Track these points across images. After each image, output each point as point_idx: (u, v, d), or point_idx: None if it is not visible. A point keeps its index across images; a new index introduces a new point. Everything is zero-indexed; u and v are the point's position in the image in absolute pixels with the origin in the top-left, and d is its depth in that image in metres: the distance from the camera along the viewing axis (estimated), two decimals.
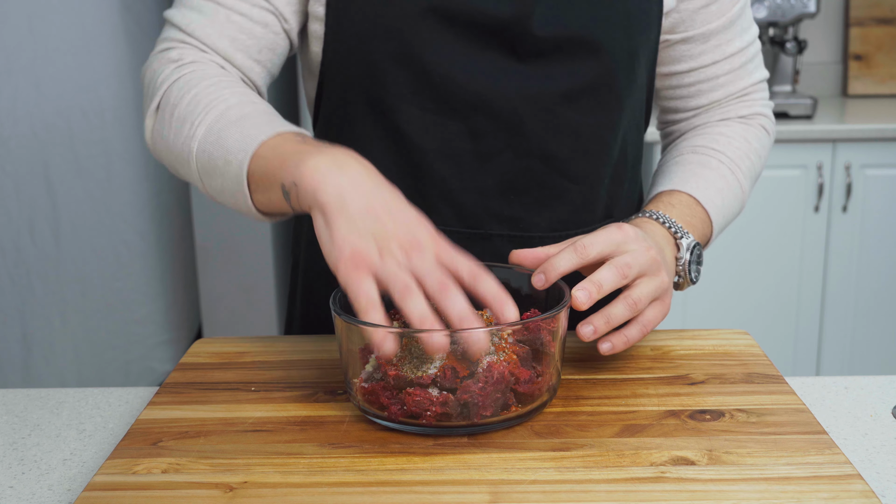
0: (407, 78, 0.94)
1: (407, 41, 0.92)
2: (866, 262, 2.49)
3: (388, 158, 0.97)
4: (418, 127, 0.96)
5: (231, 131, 0.83)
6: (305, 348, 0.94)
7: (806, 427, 0.76)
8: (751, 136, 1.06)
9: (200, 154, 0.85)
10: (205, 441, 0.75)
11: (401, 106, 0.95)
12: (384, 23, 0.93)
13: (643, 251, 0.83)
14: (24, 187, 2.40)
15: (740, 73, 1.06)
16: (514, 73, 0.94)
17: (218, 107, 0.86)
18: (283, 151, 0.79)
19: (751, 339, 0.95)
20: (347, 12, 0.94)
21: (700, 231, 0.97)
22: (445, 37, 0.92)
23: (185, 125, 0.87)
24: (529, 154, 0.97)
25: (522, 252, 0.84)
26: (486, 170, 0.97)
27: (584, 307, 0.78)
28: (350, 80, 0.97)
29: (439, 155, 0.96)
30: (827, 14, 2.92)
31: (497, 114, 0.95)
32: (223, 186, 0.84)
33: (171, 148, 0.89)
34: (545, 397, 0.78)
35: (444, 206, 0.98)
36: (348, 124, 0.99)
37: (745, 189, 1.04)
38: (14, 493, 0.73)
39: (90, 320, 2.51)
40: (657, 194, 1.00)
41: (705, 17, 1.02)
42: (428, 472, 0.70)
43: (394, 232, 0.73)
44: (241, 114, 0.85)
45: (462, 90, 0.94)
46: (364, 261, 0.71)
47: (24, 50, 2.33)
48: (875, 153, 2.43)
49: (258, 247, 2.47)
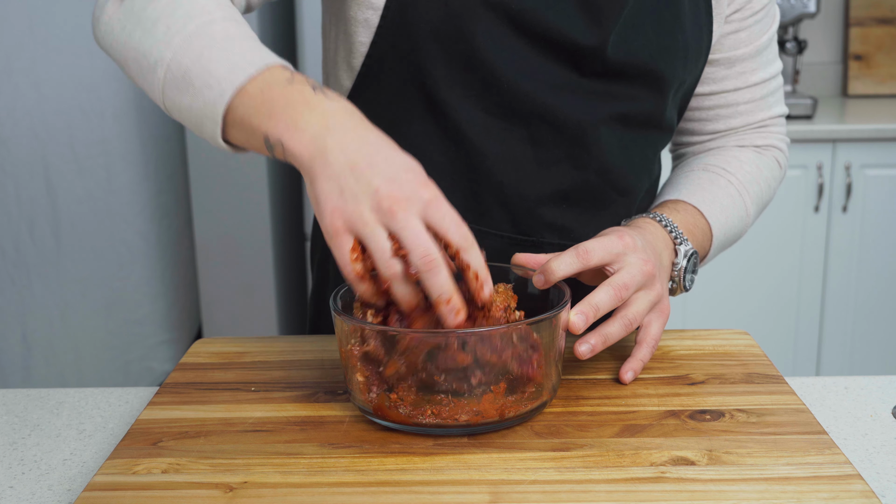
0: (473, 81, 0.93)
1: (478, 46, 0.91)
2: (866, 262, 2.49)
3: (445, 158, 0.96)
4: (480, 130, 0.95)
5: (214, 52, 0.77)
6: (305, 348, 0.94)
7: (806, 427, 0.76)
8: (763, 165, 1.07)
9: (174, 66, 0.78)
10: (205, 441, 0.75)
11: (464, 108, 0.94)
12: (456, 23, 0.91)
13: (639, 265, 0.84)
14: (24, 187, 2.40)
15: (761, 105, 1.08)
16: (578, 88, 0.95)
17: (200, 17, 0.79)
18: (271, 97, 0.74)
19: (751, 339, 0.95)
20: (416, 8, 0.91)
21: (699, 242, 0.98)
22: (515, 45, 0.92)
23: (159, 27, 0.79)
24: (587, 166, 0.98)
25: (525, 255, 0.86)
26: (544, 178, 0.97)
27: (579, 332, 0.79)
28: (406, 75, 0.94)
29: (499, 159, 0.96)
30: (827, 14, 2.92)
31: (561, 124, 0.95)
32: (191, 106, 0.78)
33: (132, 45, 0.81)
34: (545, 397, 0.78)
35: (498, 211, 0.98)
36: (403, 121, 0.96)
37: (751, 213, 1.05)
38: (14, 493, 0.73)
39: (90, 320, 2.51)
40: (664, 202, 1.01)
41: (733, 42, 1.03)
42: (428, 472, 0.70)
43: (377, 187, 0.70)
44: (225, 33, 0.79)
45: (529, 98, 0.94)
46: (346, 225, 0.70)
47: (24, 50, 2.33)
48: (875, 153, 2.43)
49: (258, 247, 2.47)
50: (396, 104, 0.96)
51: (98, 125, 2.40)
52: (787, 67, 2.69)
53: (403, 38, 0.92)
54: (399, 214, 0.69)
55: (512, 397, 0.75)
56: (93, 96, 2.39)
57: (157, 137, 2.45)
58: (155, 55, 0.79)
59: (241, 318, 2.52)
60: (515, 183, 0.97)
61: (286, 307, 2.61)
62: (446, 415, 0.73)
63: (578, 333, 0.79)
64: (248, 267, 2.49)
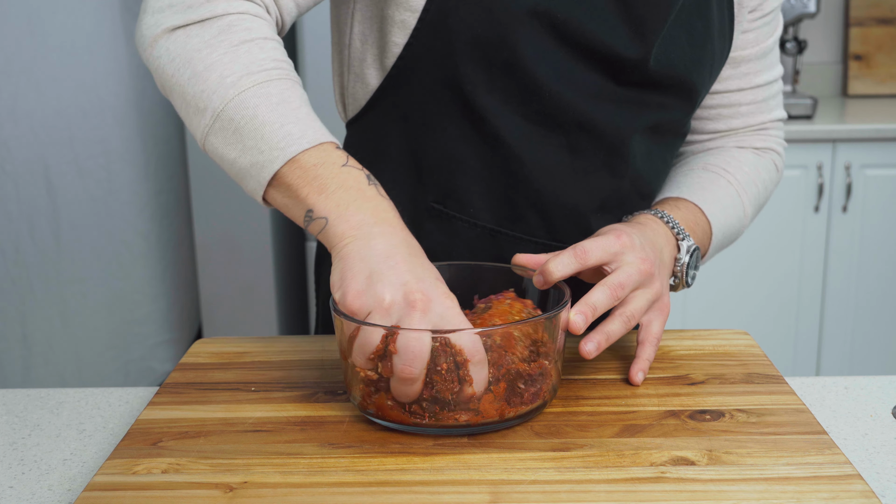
0: (514, 88, 0.92)
1: (521, 54, 0.90)
2: (866, 262, 2.49)
3: (481, 163, 0.95)
4: (520, 137, 0.94)
5: (270, 115, 0.78)
6: (305, 348, 0.94)
7: (806, 427, 0.76)
8: (761, 168, 1.08)
9: (224, 117, 0.79)
10: (205, 441, 0.75)
11: (504, 114, 0.93)
12: (499, 30, 0.90)
13: (637, 264, 0.84)
14: (24, 187, 2.40)
15: (762, 107, 1.08)
16: (615, 97, 0.95)
17: (258, 75, 0.80)
18: (324, 175, 0.77)
19: (751, 339, 0.95)
20: (457, 13, 0.90)
21: (700, 240, 0.98)
22: (557, 55, 0.91)
23: (212, 75, 0.80)
24: (624, 175, 0.99)
25: (524, 256, 0.86)
26: (581, 186, 0.97)
27: (580, 331, 0.79)
28: (441, 78, 0.93)
29: (537, 167, 0.95)
30: (827, 14, 2.92)
31: (600, 133, 0.95)
32: (236, 160, 0.80)
33: (180, 82, 0.81)
34: (546, 397, 0.78)
35: (533, 216, 0.98)
36: (436, 123, 0.95)
37: (748, 214, 1.06)
38: (14, 493, 0.73)
39: (90, 320, 2.51)
40: (665, 199, 1.01)
41: (741, 42, 1.03)
42: (428, 472, 0.70)
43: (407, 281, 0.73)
44: (281, 96, 0.80)
45: (569, 107, 0.93)
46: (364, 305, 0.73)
47: (24, 50, 2.33)
48: (875, 153, 2.43)
49: (258, 247, 2.47)
50: (428, 106, 0.95)
51: (98, 125, 2.40)
52: (787, 67, 2.69)
53: (441, 42, 0.91)
54: (415, 313, 0.71)
55: (512, 398, 0.75)
56: (93, 96, 2.39)
57: (157, 137, 2.45)
58: (204, 101, 0.80)
59: (241, 318, 2.52)
60: (553, 190, 0.97)
61: (286, 307, 2.61)
62: (446, 415, 0.73)
63: (579, 333, 0.79)
64: (248, 267, 2.49)
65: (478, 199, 0.97)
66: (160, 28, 0.83)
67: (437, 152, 0.96)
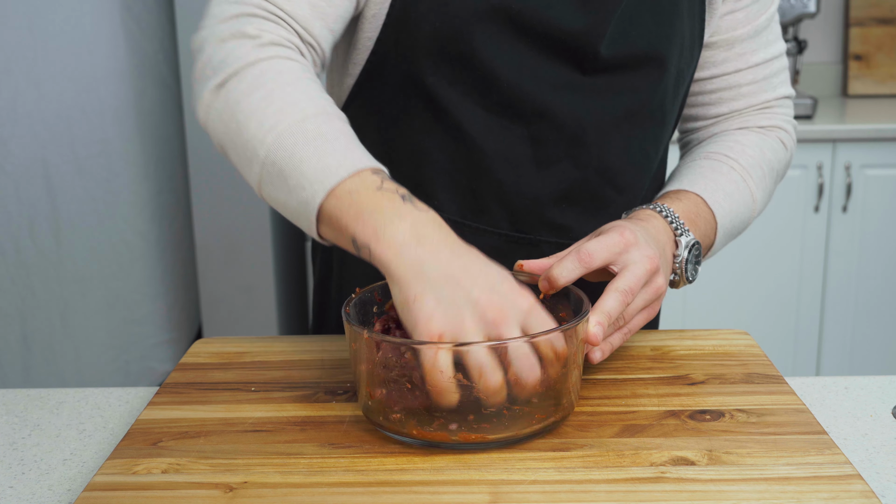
0: (473, 80, 0.93)
1: (477, 46, 0.91)
2: (866, 262, 2.49)
3: (444, 155, 0.96)
4: (481, 128, 0.95)
5: (307, 152, 0.78)
6: (305, 348, 0.94)
7: (806, 427, 0.76)
8: (766, 147, 1.06)
9: (268, 163, 0.80)
10: (205, 441, 0.75)
11: (464, 106, 0.94)
12: (455, 23, 0.91)
13: (643, 262, 0.83)
14: (24, 187, 2.40)
15: (763, 85, 1.07)
16: (579, 87, 0.95)
17: (293, 115, 0.80)
18: (359, 201, 0.76)
19: (751, 339, 0.95)
20: (416, 7, 0.91)
21: (703, 231, 0.97)
22: (515, 44, 0.92)
23: (252, 123, 0.81)
24: (587, 165, 0.98)
25: (529, 262, 0.86)
26: (544, 177, 0.98)
27: (600, 341, 0.79)
28: (408, 73, 0.94)
29: (499, 158, 0.96)
30: (827, 14, 2.92)
31: (561, 124, 0.95)
32: (286, 203, 0.80)
33: (229, 137, 0.83)
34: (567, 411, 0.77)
35: (496, 209, 0.98)
36: (404, 117, 0.97)
37: (757, 198, 1.04)
38: (14, 493, 0.73)
39: (90, 320, 2.51)
40: (666, 192, 1.01)
41: (731, 23, 1.03)
42: (428, 472, 0.70)
43: (477, 298, 0.72)
44: (317, 131, 0.80)
45: (529, 97, 0.94)
46: (446, 332, 0.71)
47: (24, 50, 2.33)
48: (875, 153, 2.43)
49: (258, 247, 2.47)
50: (397, 101, 0.97)
51: (98, 125, 2.40)
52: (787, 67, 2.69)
53: (405, 36, 0.93)
54: (502, 326, 0.71)
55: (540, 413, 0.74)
56: (93, 96, 2.38)
57: (157, 137, 2.45)
58: (250, 151, 0.81)
59: (241, 318, 2.52)
60: (514, 181, 0.97)
61: (286, 307, 2.61)
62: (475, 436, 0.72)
63: (598, 343, 0.78)
64: (248, 267, 2.49)
65: (442, 192, 0.97)
66: (206, 92, 0.84)
67: (406, 145, 0.97)
